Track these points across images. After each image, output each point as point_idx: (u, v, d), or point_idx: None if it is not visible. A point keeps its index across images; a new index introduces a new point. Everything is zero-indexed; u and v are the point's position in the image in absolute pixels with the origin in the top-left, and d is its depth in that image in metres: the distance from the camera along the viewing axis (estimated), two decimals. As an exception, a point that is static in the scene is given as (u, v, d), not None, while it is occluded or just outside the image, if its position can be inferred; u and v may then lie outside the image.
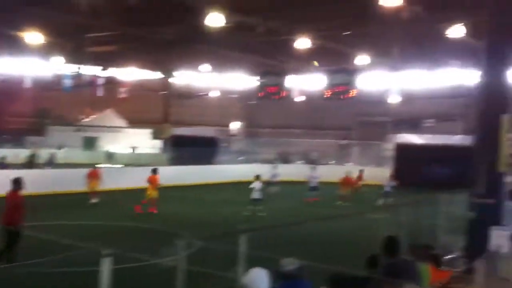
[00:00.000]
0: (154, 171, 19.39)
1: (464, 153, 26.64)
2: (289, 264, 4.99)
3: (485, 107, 10.59)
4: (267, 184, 23.36)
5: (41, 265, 10.46)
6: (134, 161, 37.39)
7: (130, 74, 42.16)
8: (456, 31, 22.56)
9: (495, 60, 10.53)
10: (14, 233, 10.53)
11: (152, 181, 19.15)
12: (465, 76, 34.38)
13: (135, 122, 49.32)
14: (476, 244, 8.98)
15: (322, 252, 12.44)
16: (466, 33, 22.74)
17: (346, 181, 24.65)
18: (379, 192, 23.58)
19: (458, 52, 30.27)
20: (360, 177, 25.88)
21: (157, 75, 44.85)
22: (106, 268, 4.18)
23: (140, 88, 47.72)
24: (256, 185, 19.19)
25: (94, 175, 21.26)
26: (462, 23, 22.31)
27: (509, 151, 10.59)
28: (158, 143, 45.27)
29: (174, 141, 39.64)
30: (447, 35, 23.29)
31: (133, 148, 42.88)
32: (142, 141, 44.33)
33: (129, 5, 23.41)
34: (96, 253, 4.67)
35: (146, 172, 19.79)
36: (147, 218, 17.48)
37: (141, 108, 50.29)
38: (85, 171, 21.58)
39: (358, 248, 9.08)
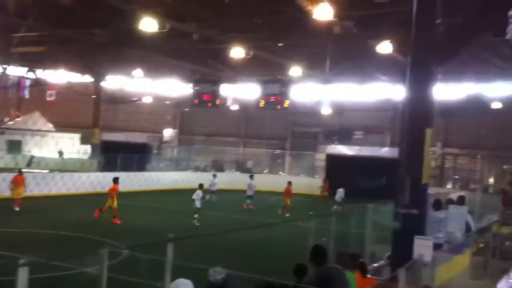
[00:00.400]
0: (115, 180, 18.97)
1: (391, 165, 27.70)
2: (217, 273, 4.95)
3: (410, 121, 10.98)
4: (206, 192, 23.28)
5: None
6: (61, 166, 36.09)
7: (59, 76, 40.79)
8: (385, 47, 23.34)
9: (418, 75, 10.95)
10: None
11: (113, 190, 18.75)
12: (393, 91, 35.72)
13: (63, 126, 47.69)
14: (401, 253, 9.25)
15: (250, 260, 12.46)
16: (394, 49, 23.58)
17: (288, 191, 25.06)
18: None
19: (386, 67, 31.41)
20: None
21: (88, 78, 43.63)
22: (22, 278, 3.97)
23: (70, 91, 46.27)
24: (199, 193, 19.28)
25: (18, 181, 20.39)
26: (389, 40, 23.11)
27: (432, 163, 11.03)
28: (87, 148, 43.93)
29: (104, 146, 38.60)
30: (376, 51, 24.06)
31: (60, 153, 41.34)
32: (70, 146, 42.85)
33: (59, 5, 22.69)
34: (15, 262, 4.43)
35: (73, 178, 19.17)
36: (74, 226, 16.90)
37: (70, 112, 48.74)
38: (9, 175, 20.63)
39: (287, 257, 9.17)
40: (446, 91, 33.05)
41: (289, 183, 25.62)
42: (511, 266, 11.48)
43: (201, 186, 19.88)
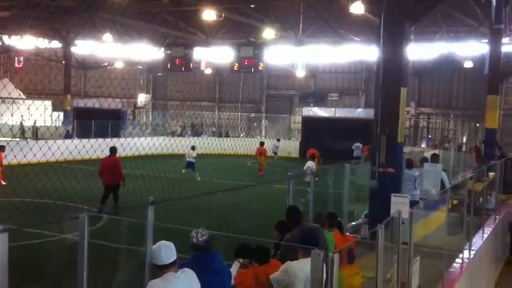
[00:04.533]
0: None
1: (366, 126, 27.93)
2: (200, 234, 4.93)
3: (384, 81, 11.03)
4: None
5: None
6: (31, 134, 35.48)
7: (26, 42, 39.63)
8: (357, 7, 23.20)
9: (392, 35, 10.96)
10: (114, 188, 14.81)
11: None
12: (366, 52, 35.72)
13: (33, 93, 46.71)
14: (378, 211, 9.43)
15: (228, 221, 12.54)
16: (366, 9, 23.46)
17: (262, 151, 25.74)
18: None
19: (359, 28, 31.31)
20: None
21: (56, 44, 42.51)
22: (2, 244, 3.89)
23: (38, 58, 45.13)
24: (192, 153, 23.29)
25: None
26: (361, 0, 22.99)
27: (405, 123, 11.15)
28: (59, 115, 43.17)
29: (77, 113, 37.99)
30: (349, 11, 23.91)
31: (35, 121, 40.48)
32: (42, 113, 42.00)
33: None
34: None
35: (47, 145, 18.81)
36: (50, 193, 16.68)
37: (40, 79, 47.67)
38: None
39: (265, 218, 9.27)
40: (418, 51, 33.19)
41: (262, 143, 26.19)
42: (485, 221, 11.83)
43: (193, 147, 23.59)
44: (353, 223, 10.85)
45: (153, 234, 4.87)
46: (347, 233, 8.23)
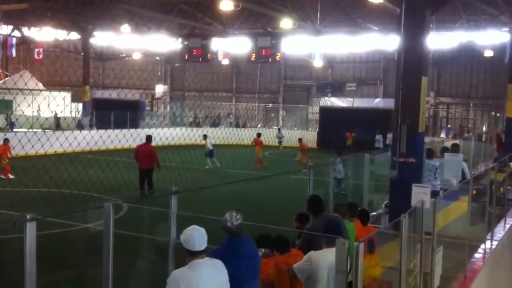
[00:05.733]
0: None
1: (385, 116, 27.72)
2: (234, 218, 4.82)
3: (405, 70, 10.93)
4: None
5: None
6: (53, 125, 35.84)
7: (45, 34, 39.93)
8: (376, -5, 22.90)
9: (413, 23, 10.85)
10: (149, 172, 16.07)
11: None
12: (384, 41, 35.36)
13: (52, 84, 47.12)
14: (399, 201, 9.39)
15: (247, 211, 12.55)
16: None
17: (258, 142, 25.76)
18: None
19: (377, 17, 31.00)
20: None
21: (75, 35, 42.79)
22: (31, 233, 3.94)
23: (57, 49, 45.49)
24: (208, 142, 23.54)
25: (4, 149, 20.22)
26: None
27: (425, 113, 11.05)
28: (78, 107, 43.53)
29: (96, 104, 38.31)
30: (368, 0, 23.65)
31: (55, 112, 40.87)
32: (61, 104, 42.39)
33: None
34: (12, 220, 4.40)
35: (66, 136, 19.01)
36: (70, 183, 16.88)
37: (59, 70, 48.10)
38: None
39: (284, 207, 9.30)
40: (438, 40, 32.76)
41: (258, 134, 26.20)
42: (507, 211, 11.71)
43: (205, 136, 23.99)
44: (373, 213, 10.81)
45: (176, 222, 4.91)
46: (368, 223, 8.19)
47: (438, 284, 6.16)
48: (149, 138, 17.01)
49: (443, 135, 37.79)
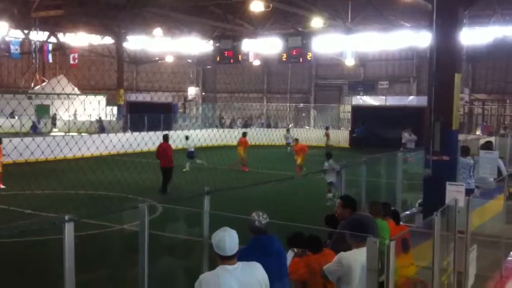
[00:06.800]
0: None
1: (418, 114, 27.33)
2: (262, 217, 4.89)
3: (438, 67, 10.80)
4: None
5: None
6: (92, 128, 36.57)
7: (80, 39, 40.84)
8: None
9: (445, 20, 10.71)
10: (169, 170, 16.51)
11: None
12: (417, 38, 34.91)
13: (87, 88, 48.11)
14: (433, 200, 9.28)
15: (277, 211, 12.59)
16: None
17: (243, 143, 23.66)
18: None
19: (409, 14, 30.64)
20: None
21: (108, 40, 43.64)
22: (69, 233, 4.07)
23: (92, 54, 46.40)
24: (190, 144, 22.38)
25: None
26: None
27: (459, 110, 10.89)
28: (113, 110, 44.37)
29: (130, 107, 38.97)
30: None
31: (91, 115, 41.77)
32: (96, 108, 43.26)
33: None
34: (50, 222, 4.54)
35: (103, 138, 19.41)
36: (106, 185, 17.22)
37: (94, 74, 49.07)
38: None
39: (313, 207, 9.32)
40: (472, 36, 32.17)
41: (244, 134, 24.17)
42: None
43: (187, 137, 23.04)
44: (407, 212, 10.72)
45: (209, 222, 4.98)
46: (400, 223, 8.14)
47: (473, 283, 6.09)
48: (165, 137, 17.36)
49: (478, 132, 37.04)
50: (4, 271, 8.68)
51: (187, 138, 23.22)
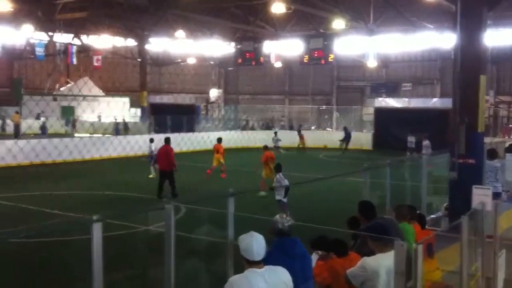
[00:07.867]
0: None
1: (442, 116, 26.98)
2: (286, 220, 4.86)
3: (463, 69, 10.68)
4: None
5: (18, 234, 10.36)
6: (113, 131, 36.99)
7: (103, 41, 41.30)
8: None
9: (470, 21, 10.59)
10: (169, 174, 15.53)
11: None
12: (440, 39, 34.52)
13: (111, 90, 48.61)
14: (459, 203, 9.16)
15: (299, 214, 12.55)
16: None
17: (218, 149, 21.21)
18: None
19: (432, 14, 30.35)
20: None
21: (131, 42, 44.07)
22: (97, 233, 4.11)
23: (115, 56, 46.87)
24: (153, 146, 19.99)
25: None
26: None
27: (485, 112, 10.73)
28: (137, 112, 44.75)
29: (153, 109, 39.27)
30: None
31: (115, 117, 42.13)
32: (120, 110, 43.70)
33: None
34: (78, 222, 4.60)
35: (128, 140, 19.55)
36: (128, 186, 17.39)
37: (117, 76, 49.55)
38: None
39: (338, 210, 9.22)
40: (496, 37, 31.70)
41: (219, 140, 21.23)
42: None
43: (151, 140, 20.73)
44: (433, 215, 10.60)
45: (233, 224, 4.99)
46: (426, 226, 8.05)
47: (501, 288, 5.99)
48: (167, 139, 16.61)
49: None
50: (33, 270, 8.87)
51: (151, 140, 20.78)
